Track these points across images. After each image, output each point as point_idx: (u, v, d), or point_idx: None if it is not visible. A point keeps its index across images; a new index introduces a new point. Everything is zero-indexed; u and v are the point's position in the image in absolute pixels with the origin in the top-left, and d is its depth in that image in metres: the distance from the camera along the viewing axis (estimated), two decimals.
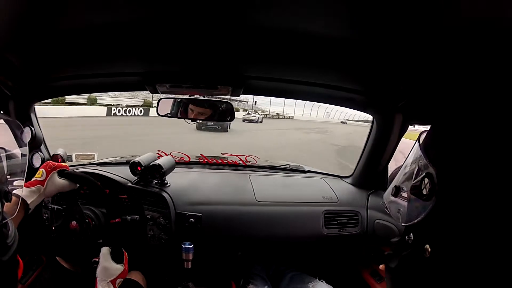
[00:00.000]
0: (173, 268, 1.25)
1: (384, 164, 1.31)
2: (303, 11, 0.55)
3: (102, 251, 0.89)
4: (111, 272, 0.86)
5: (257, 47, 0.75)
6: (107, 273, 0.86)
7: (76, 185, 0.98)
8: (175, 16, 0.60)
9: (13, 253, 0.56)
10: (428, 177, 0.43)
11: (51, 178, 0.89)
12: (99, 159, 1.61)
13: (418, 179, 0.45)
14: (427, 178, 0.43)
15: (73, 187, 0.97)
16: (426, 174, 0.44)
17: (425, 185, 0.43)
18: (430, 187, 0.43)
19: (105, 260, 0.88)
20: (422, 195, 0.44)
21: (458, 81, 0.67)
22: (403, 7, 0.49)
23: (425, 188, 0.43)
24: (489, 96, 0.45)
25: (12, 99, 1.10)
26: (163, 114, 1.20)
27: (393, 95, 1.01)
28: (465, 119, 0.43)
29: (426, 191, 0.43)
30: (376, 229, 1.25)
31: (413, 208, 0.47)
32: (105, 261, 0.87)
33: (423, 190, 0.44)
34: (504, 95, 0.42)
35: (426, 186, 0.43)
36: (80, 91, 1.27)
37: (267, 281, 1.31)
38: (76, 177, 0.96)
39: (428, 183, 0.43)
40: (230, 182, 1.43)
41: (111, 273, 0.86)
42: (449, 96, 0.69)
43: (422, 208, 0.43)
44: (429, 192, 0.43)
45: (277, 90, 1.16)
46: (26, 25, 0.65)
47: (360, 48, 0.69)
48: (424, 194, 0.43)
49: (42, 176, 0.89)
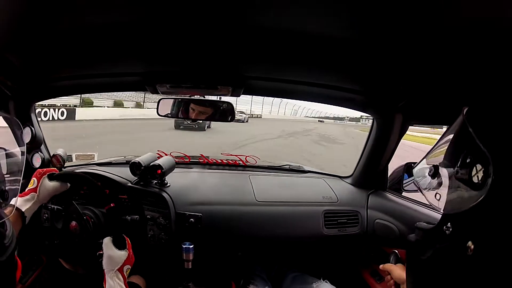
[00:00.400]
0: (173, 268, 1.25)
1: (384, 164, 1.31)
2: (303, 11, 0.55)
3: (104, 241, 0.88)
4: (116, 260, 0.85)
5: (257, 47, 0.76)
6: (113, 262, 0.85)
7: (67, 184, 0.98)
8: (175, 16, 0.60)
9: (10, 253, 0.55)
10: (482, 163, 0.37)
11: (42, 183, 0.91)
12: (99, 159, 1.61)
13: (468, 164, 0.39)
14: (481, 164, 0.37)
15: (65, 188, 0.97)
16: (479, 160, 0.38)
17: (477, 172, 0.38)
18: (483, 175, 0.37)
19: (108, 249, 0.86)
20: (472, 183, 0.38)
21: (458, 81, 0.67)
22: (403, 7, 0.49)
23: (477, 176, 0.37)
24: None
25: (12, 99, 1.10)
26: (164, 114, 1.20)
27: (393, 95, 1.01)
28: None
29: (477, 179, 0.37)
30: (376, 229, 1.26)
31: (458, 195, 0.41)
32: (108, 250, 0.86)
33: (474, 178, 0.38)
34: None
35: (478, 174, 0.37)
36: (80, 91, 1.27)
37: (267, 281, 1.31)
38: (65, 177, 0.97)
39: (481, 170, 0.37)
40: (230, 182, 1.43)
41: (116, 261, 0.85)
42: None
43: (469, 198, 0.38)
44: (481, 180, 0.37)
45: (277, 90, 1.17)
46: (26, 25, 0.65)
47: (360, 48, 0.69)
48: (474, 182, 0.38)
49: (34, 184, 0.91)
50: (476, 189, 0.37)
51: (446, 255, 0.42)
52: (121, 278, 0.84)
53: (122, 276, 0.85)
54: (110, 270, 0.84)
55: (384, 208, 1.26)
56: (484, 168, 0.37)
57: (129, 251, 0.89)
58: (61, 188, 0.96)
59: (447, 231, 0.42)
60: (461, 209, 0.39)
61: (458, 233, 0.40)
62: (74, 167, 1.44)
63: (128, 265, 0.88)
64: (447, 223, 0.42)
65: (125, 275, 0.86)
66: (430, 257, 0.44)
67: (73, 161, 1.53)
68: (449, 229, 0.41)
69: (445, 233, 0.42)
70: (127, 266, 0.87)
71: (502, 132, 0.38)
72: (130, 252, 0.89)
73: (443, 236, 0.42)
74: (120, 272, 0.84)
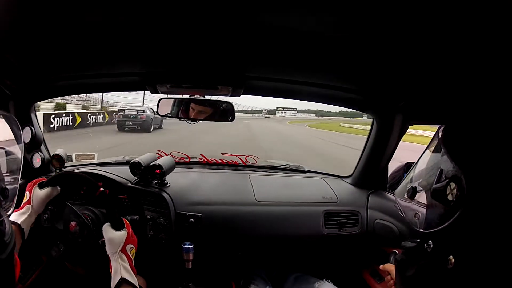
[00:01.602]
0: (174, 268, 1.25)
1: (384, 164, 1.31)
2: (303, 11, 0.55)
3: (103, 227, 0.88)
4: (116, 241, 0.84)
5: (258, 47, 0.76)
6: (114, 244, 0.84)
7: (57, 188, 0.98)
8: (175, 16, 0.60)
9: (10, 250, 0.56)
10: (455, 181, 0.38)
11: (34, 194, 0.92)
12: (98, 159, 1.61)
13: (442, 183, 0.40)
14: (454, 183, 0.38)
15: (57, 192, 0.97)
16: (452, 178, 0.39)
17: (451, 190, 0.39)
18: (457, 193, 0.38)
19: (107, 232, 0.86)
20: (447, 201, 0.39)
21: (459, 81, 0.67)
22: (403, 6, 0.49)
23: (451, 194, 0.39)
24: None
25: (12, 99, 1.10)
26: (163, 114, 1.20)
27: (393, 95, 1.01)
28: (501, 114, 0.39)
29: (452, 197, 0.38)
30: (376, 229, 1.26)
31: (435, 214, 0.42)
32: (108, 233, 0.86)
33: (448, 196, 0.39)
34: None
35: (452, 192, 0.38)
36: (80, 91, 1.28)
37: (268, 281, 1.31)
38: (54, 180, 0.97)
39: (454, 188, 0.38)
40: (230, 182, 1.43)
41: (117, 242, 0.84)
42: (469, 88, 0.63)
43: (446, 215, 0.39)
44: (455, 198, 0.38)
45: (277, 90, 1.17)
46: (26, 25, 0.65)
47: (360, 48, 0.69)
48: (449, 200, 0.39)
49: (27, 197, 0.92)
50: (452, 207, 0.38)
51: (428, 271, 0.43)
52: (125, 259, 0.83)
53: (127, 256, 0.84)
54: (113, 253, 0.83)
55: (384, 208, 1.26)
56: (457, 186, 0.38)
57: (128, 230, 0.88)
58: (54, 193, 0.96)
59: (428, 249, 0.43)
60: (439, 226, 0.40)
61: (438, 249, 0.41)
62: (74, 167, 1.44)
63: (131, 245, 0.87)
64: (428, 240, 0.43)
65: (129, 255, 0.85)
66: (414, 273, 0.46)
67: (73, 161, 1.53)
68: (430, 247, 0.43)
69: (426, 250, 0.43)
70: (129, 246, 0.86)
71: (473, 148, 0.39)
72: (129, 231, 0.88)
73: (424, 253, 0.43)
74: (124, 253, 0.84)
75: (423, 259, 0.44)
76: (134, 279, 0.82)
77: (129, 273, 0.82)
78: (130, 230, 0.89)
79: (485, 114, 0.42)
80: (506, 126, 0.37)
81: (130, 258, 0.85)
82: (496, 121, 0.39)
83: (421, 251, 0.44)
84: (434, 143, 0.45)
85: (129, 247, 0.86)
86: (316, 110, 55.60)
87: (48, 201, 0.95)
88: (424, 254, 0.44)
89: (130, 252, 0.86)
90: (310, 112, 54.00)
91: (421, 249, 0.44)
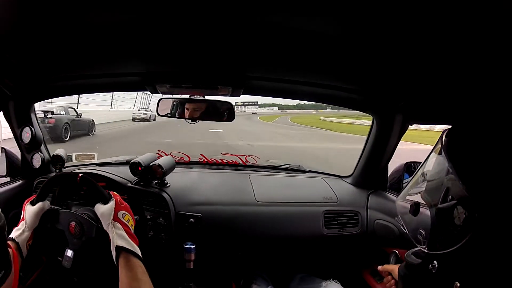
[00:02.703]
0: (174, 268, 1.25)
1: (384, 164, 1.31)
2: (304, 11, 0.55)
3: (95, 208, 0.87)
4: (106, 213, 0.83)
5: (258, 47, 0.76)
6: (105, 216, 0.82)
7: (45, 201, 0.98)
8: (175, 16, 0.60)
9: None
10: (463, 205, 0.35)
11: (26, 210, 0.92)
12: (99, 159, 1.61)
13: (449, 204, 0.38)
14: (461, 206, 0.36)
15: (46, 204, 0.96)
16: (459, 201, 0.36)
17: (458, 214, 0.36)
18: (465, 217, 0.35)
19: (98, 210, 0.85)
20: (454, 225, 0.37)
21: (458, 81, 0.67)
22: (403, 6, 0.49)
23: (458, 218, 0.36)
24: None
25: (12, 99, 1.10)
26: (163, 114, 1.20)
27: (393, 95, 1.01)
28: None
29: (459, 221, 0.36)
30: (376, 229, 1.25)
31: (441, 235, 0.40)
32: (98, 210, 0.85)
33: (455, 220, 0.36)
34: None
35: (460, 216, 0.36)
36: (80, 91, 1.28)
37: (269, 282, 1.31)
38: (42, 193, 0.96)
39: (462, 212, 0.36)
40: (230, 182, 1.43)
41: (107, 213, 0.82)
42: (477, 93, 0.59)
43: (453, 239, 0.36)
44: (463, 223, 0.35)
45: (277, 90, 1.17)
46: (26, 25, 0.65)
47: (360, 48, 0.69)
48: (456, 224, 0.36)
49: (21, 215, 0.92)
50: (459, 231, 0.36)
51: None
52: (120, 226, 0.81)
53: (120, 223, 0.82)
54: (107, 225, 0.81)
55: (384, 208, 1.26)
56: (465, 210, 0.36)
57: (115, 198, 0.86)
58: (44, 206, 0.96)
59: (433, 270, 0.41)
60: (445, 249, 0.38)
61: (443, 272, 0.40)
62: (74, 167, 1.44)
63: (122, 211, 0.84)
64: (432, 261, 0.41)
65: (123, 222, 0.82)
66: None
67: (73, 161, 1.53)
68: (434, 267, 0.41)
69: (431, 271, 0.41)
70: (121, 212, 0.83)
71: (480, 161, 0.37)
72: (117, 199, 0.86)
73: (429, 273, 0.42)
74: (117, 221, 0.82)
75: (428, 281, 0.42)
76: (131, 244, 0.79)
77: (124, 239, 0.79)
78: (118, 198, 0.87)
79: (489, 118, 0.40)
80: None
81: (125, 225, 0.82)
82: (501, 126, 0.37)
83: (426, 270, 0.42)
84: (438, 148, 0.42)
85: (121, 214, 0.83)
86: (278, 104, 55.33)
87: (42, 214, 0.95)
88: (429, 274, 0.42)
89: (124, 219, 0.83)
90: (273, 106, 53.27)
91: (425, 269, 0.43)
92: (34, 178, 1.24)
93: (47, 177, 1.03)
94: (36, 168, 1.25)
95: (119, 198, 0.88)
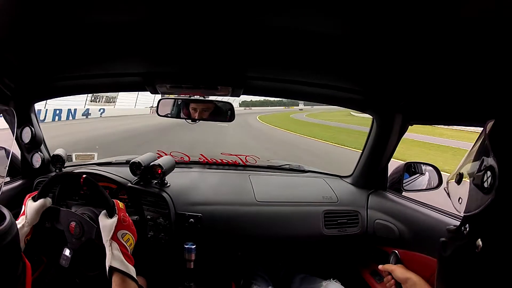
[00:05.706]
0: (174, 268, 1.25)
1: (384, 164, 1.31)
2: (304, 11, 0.55)
3: (99, 217, 0.86)
4: (107, 228, 0.83)
5: (258, 47, 0.76)
6: (105, 231, 0.82)
7: (47, 198, 0.98)
8: (176, 17, 0.60)
9: None
10: (491, 170, 0.41)
11: (27, 206, 0.93)
12: (99, 159, 1.61)
13: (482, 171, 0.43)
14: (489, 171, 0.41)
15: (48, 201, 0.97)
16: (489, 167, 0.42)
17: (487, 178, 0.42)
18: (491, 181, 0.41)
19: (101, 221, 0.85)
20: (483, 188, 0.42)
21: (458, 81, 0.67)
22: (403, 6, 0.49)
23: (487, 181, 0.42)
24: None
25: (12, 99, 1.10)
26: (163, 115, 1.20)
27: (393, 95, 1.01)
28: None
29: (487, 184, 0.41)
30: (376, 229, 1.26)
31: (473, 199, 0.45)
32: (101, 222, 0.85)
33: (484, 183, 0.42)
34: None
35: (488, 180, 0.41)
36: (80, 91, 1.28)
37: (269, 281, 1.31)
38: (43, 190, 0.97)
39: (490, 176, 0.41)
40: (230, 182, 1.43)
41: (108, 229, 0.82)
42: None
43: (481, 201, 0.42)
44: (489, 186, 0.41)
45: (277, 90, 1.17)
46: (26, 25, 0.65)
47: (360, 48, 0.69)
48: (484, 187, 0.42)
49: (22, 209, 0.93)
50: (486, 194, 0.42)
51: (461, 253, 0.47)
52: (117, 247, 0.81)
53: (118, 243, 0.81)
54: (106, 241, 0.82)
55: (384, 208, 1.26)
56: (492, 174, 0.41)
57: (118, 215, 0.85)
58: (45, 203, 0.96)
59: (465, 231, 0.46)
60: (475, 211, 0.43)
61: (472, 233, 0.45)
62: (74, 167, 1.44)
63: (123, 231, 0.84)
64: (465, 224, 0.47)
65: (121, 242, 0.82)
66: (451, 254, 0.49)
67: (73, 161, 1.53)
68: (466, 229, 0.46)
69: (463, 233, 0.47)
70: (121, 232, 0.83)
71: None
72: (120, 217, 0.85)
73: (461, 235, 0.47)
74: (114, 240, 0.81)
75: (460, 241, 0.47)
76: (126, 266, 0.78)
77: (118, 260, 0.78)
78: (121, 216, 0.86)
79: None
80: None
81: (123, 245, 0.82)
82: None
83: (460, 233, 0.48)
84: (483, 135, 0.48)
85: (120, 234, 0.83)
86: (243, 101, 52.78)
87: (42, 211, 0.95)
88: (461, 236, 0.47)
89: (124, 239, 0.83)
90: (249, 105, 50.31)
91: (459, 232, 0.48)
92: (34, 177, 1.24)
93: (47, 176, 1.03)
94: (36, 168, 1.25)
95: (123, 214, 0.87)
